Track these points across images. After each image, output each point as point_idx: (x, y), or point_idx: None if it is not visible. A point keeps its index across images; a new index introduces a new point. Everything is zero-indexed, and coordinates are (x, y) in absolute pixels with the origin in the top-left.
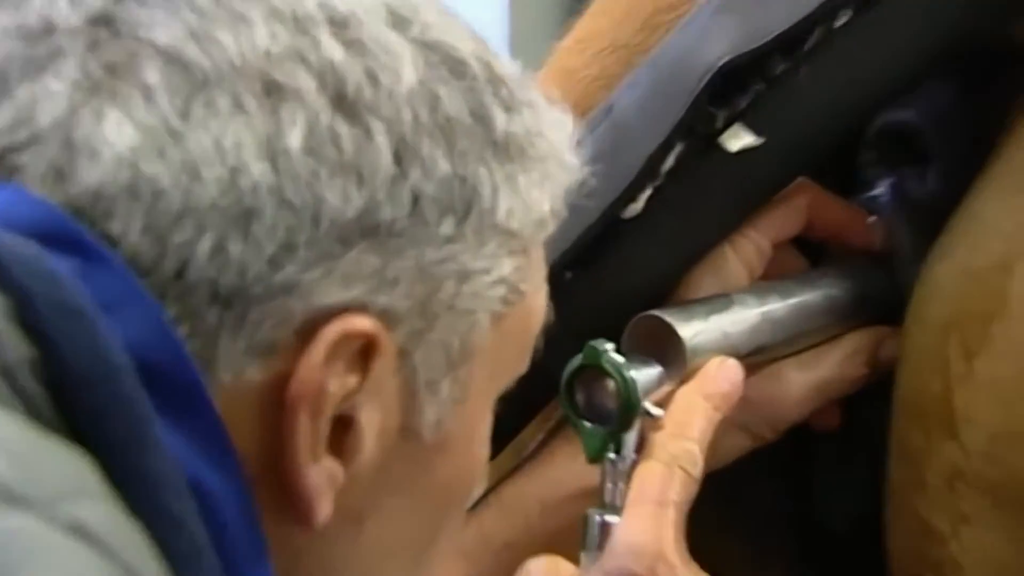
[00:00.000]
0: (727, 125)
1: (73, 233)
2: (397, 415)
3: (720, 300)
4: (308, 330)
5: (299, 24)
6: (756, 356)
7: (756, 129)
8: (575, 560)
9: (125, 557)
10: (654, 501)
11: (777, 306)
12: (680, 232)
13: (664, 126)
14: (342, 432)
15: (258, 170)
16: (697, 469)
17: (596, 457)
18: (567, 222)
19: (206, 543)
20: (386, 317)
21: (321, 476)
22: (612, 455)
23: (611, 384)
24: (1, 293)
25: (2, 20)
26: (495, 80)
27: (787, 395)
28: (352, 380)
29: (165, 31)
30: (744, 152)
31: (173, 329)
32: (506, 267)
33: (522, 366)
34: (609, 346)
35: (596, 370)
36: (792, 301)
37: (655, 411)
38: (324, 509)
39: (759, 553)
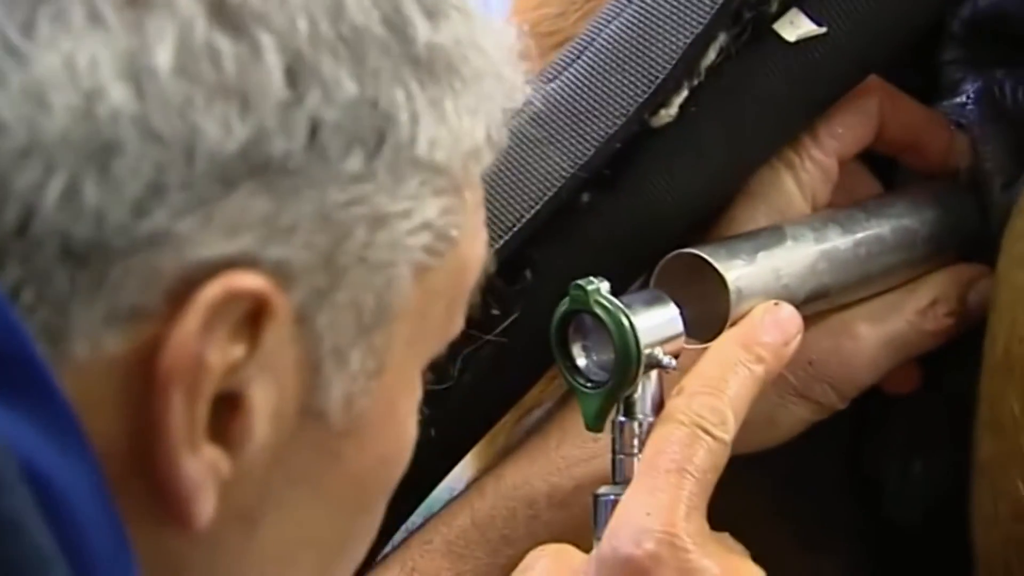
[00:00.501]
0: (782, 10)
1: None
2: (296, 393)
3: (771, 234)
4: (181, 291)
5: None
6: (815, 303)
7: (816, 15)
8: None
9: None
10: (666, 470)
11: (840, 241)
12: (723, 144)
13: (703, 10)
14: (228, 414)
15: (118, 94)
16: (726, 432)
17: (595, 423)
18: (582, 132)
19: (54, 551)
20: (279, 273)
21: (200, 468)
22: (621, 418)
23: (607, 332)
24: None
25: None
26: None
27: (857, 354)
28: (237, 351)
29: None
30: (803, 42)
31: (14, 295)
32: (431, 209)
33: (454, 329)
34: (602, 285)
35: (590, 316)
36: (859, 236)
37: (667, 361)
38: (205, 508)
39: (814, 543)
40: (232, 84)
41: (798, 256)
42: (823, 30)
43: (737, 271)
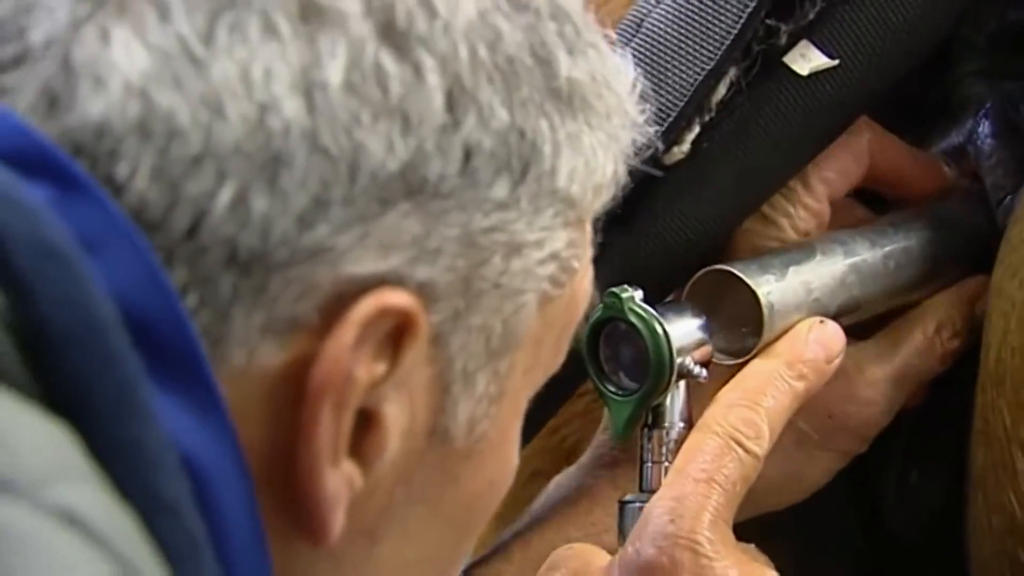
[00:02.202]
0: (792, 42)
1: (49, 156)
2: (426, 413)
3: (800, 249)
4: (335, 305)
5: None
6: (847, 316)
7: (826, 47)
8: None
9: (120, 548)
10: (695, 479)
11: (868, 255)
12: (735, 179)
13: (713, 45)
14: (364, 430)
15: (291, 108)
16: (760, 446)
17: (625, 431)
18: None
19: (204, 538)
20: (424, 293)
21: (339, 482)
22: (648, 428)
23: (641, 339)
24: None
25: None
26: (559, 15)
27: (873, 399)
28: (380, 368)
29: None
30: (814, 75)
31: (180, 297)
32: (560, 241)
33: (559, 359)
34: (636, 293)
35: (623, 323)
36: (887, 248)
37: (698, 371)
38: (338, 522)
39: (815, 563)
40: (396, 104)
41: (828, 270)
42: (835, 63)
43: (768, 286)
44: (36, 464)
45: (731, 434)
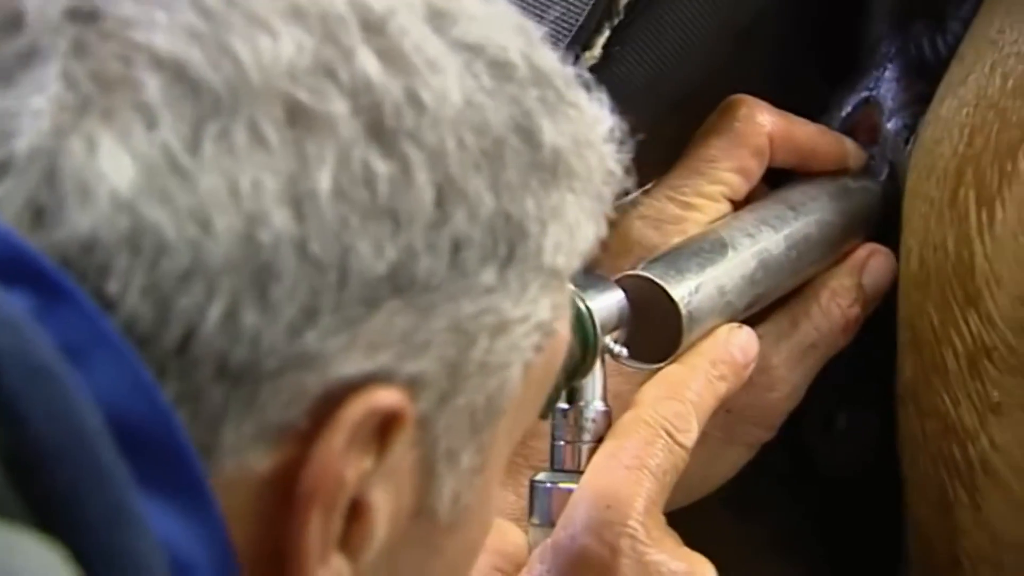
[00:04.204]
0: None
1: (28, 261)
2: (411, 494)
3: (712, 248)
4: (323, 408)
5: (328, 30)
6: (749, 310)
7: None
8: None
9: None
10: (626, 466)
11: (773, 246)
12: (650, 82)
13: None
14: (351, 520)
15: (280, 219)
16: (689, 439)
17: (546, 410)
18: None
19: None
20: (412, 385)
21: None
22: (563, 405)
23: None
24: None
25: None
26: (541, 80)
27: (771, 385)
28: (368, 461)
29: (164, 35)
30: None
31: (172, 410)
32: (544, 309)
33: (539, 408)
34: None
35: None
36: (790, 238)
37: (618, 349)
38: None
39: (745, 506)
40: (385, 205)
41: (738, 270)
42: None
43: (687, 294)
44: None
45: (662, 424)
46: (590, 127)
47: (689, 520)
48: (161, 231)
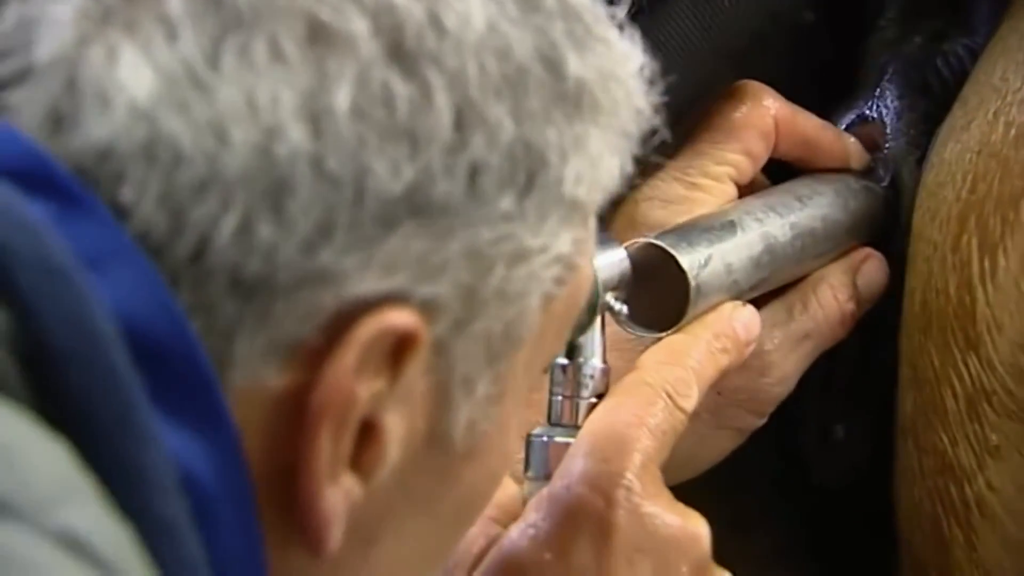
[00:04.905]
0: None
1: (49, 171)
2: (425, 419)
3: (723, 227)
4: (337, 326)
5: None
6: (752, 292)
7: None
8: None
9: (119, 572)
10: (626, 423)
11: (780, 234)
12: None
13: None
14: (363, 441)
15: (297, 134)
16: (689, 403)
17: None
18: None
19: (201, 558)
20: (427, 309)
21: (338, 497)
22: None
23: None
24: None
25: None
26: (568, 14)
27: (764, 369)
28: (380, 382)
29: None
30: None
31: (187, 321)
32: (565, 243)
33: (561, 346)
34: None
35: None
36: (797, 228)
37: (619, 307)
38: (337, 535)
39: (746, 522)
40: (403, 125)
41: (746, 252)
42: None
43: (696, 268)
44: (40, 485)
45: (663, 387)
46: (619, 63)
47: None
48: (177, 141)
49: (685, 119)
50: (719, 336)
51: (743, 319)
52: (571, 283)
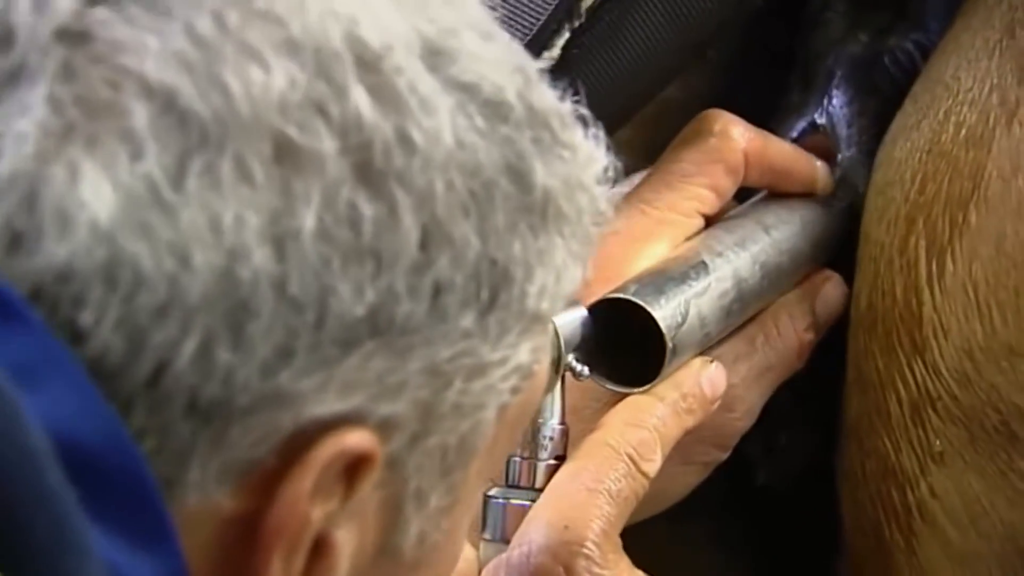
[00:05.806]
0: None
1: None
2: (376, 532)
3: (695, 273)
4: (293, 447)
5: (322, 65)
6: (720, 336)
7: None
8: None
9: None
10: (588, 488)
11: (750, 274)
12: (607, 87)
13: None
14: (313, 557)
15: (260, 257)
16: (651, 465)
17: None
18: None
19: None
20: (384, 427)
21: None
22: None
23: None
24: None
25: None
26: (535, 121)
27: (728, 405)
28: (334, 502)
29: (155, 62)
30: None
31: (137, 441)
32: (524, 352)
33: (513, 447)
34: None
35: None
36: (765, 266)
37: (580, 368)
38: None
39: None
40: (368, 246)
41: (718, 302)
42: None
43: (674, 329)
44: None
45: (627, 451)
46: (583, 168)
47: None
48: (139, 264)
49: (640, 112)
50: (686, 396)
51: (710, 377)
52: (526, 388)
